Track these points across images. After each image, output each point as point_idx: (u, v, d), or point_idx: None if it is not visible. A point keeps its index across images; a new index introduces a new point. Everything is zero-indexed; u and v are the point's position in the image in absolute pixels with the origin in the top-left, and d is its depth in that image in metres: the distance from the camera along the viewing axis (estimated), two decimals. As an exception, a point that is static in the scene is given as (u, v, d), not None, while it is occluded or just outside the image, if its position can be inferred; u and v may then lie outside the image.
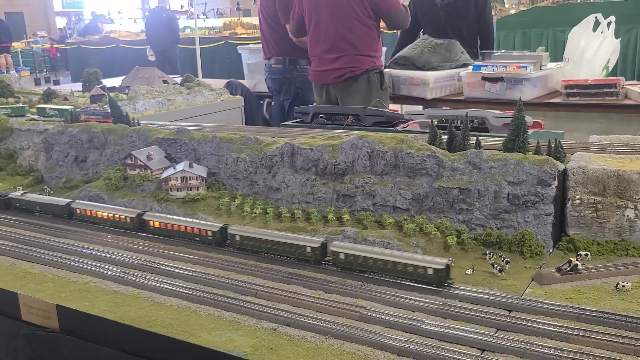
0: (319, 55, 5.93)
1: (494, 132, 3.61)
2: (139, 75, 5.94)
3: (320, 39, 5.85)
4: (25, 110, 4.77)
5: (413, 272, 2.35)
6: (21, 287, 2.57)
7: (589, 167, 2.59)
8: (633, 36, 10.40)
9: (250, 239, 2.75)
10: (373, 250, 2.48)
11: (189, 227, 2.92)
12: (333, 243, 2.57)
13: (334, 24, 5.73)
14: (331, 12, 5.71)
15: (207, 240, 2.88)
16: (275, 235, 2.71)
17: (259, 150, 3.30)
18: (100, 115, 4.16)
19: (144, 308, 2.31)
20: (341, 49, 5.75)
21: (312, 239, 2.64)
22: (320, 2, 5.76)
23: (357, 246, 2.55)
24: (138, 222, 3.10)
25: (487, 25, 7.47)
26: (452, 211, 2.77)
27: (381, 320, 2.09)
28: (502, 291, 2.29)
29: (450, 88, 6.48)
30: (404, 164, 2.89)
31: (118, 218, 3.16)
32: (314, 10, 5.82)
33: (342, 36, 5.72)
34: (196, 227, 2.91)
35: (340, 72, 5.80)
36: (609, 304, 2.13)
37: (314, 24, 5.86)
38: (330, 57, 5.81)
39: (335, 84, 5.89)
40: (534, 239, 2.58)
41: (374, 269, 2.43)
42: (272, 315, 2.16)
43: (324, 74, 5.95)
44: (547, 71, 6.07)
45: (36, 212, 3.47)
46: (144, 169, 3.48)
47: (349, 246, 2.54)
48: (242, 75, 8.46)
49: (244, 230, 2.80)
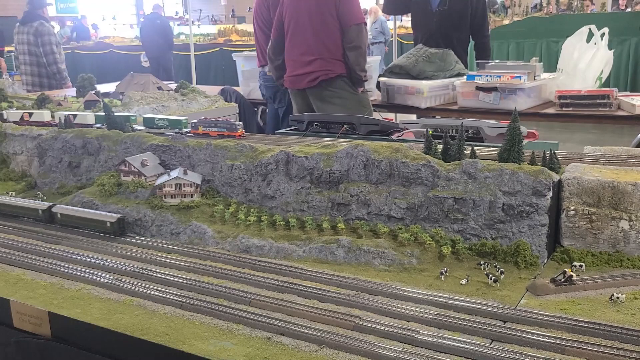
0: (294, 58, 5.97)
1: (489, 142, 3.62)
2: (134, 82, 5.93)
3: (297, 43, 5.90)
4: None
5: (99, 225, 3.15)
6: (13, 293, 2.55)
7: (584, 178, 2.60)
8: (626, 48, 10.50)
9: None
10: (79, 211, 3.30)
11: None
12: (55, 206, 3.36)
13: (311, 27, 5.79)
14: (309, 16, 5.78)
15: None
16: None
17: (253, 157, 3.29)
18: (224, 128, 3.71)
19: (137, 316, 2.30)
20: (316, 52, 5.80)
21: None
22: (299, 7, 5.83)
23: (71, 208, 3.35)
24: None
25: (484, 38, 7.50)
26: (447, 221, 2.77)
27: (376, 330, 2.09)
28: (497, 302, 2.29)
29: (444, 97, 6.50)
30: (399, 173, 2.89)
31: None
32: (293, 16, 5.89)
33: (318, 39, 5.78)
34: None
35: (314, 75, 5.83)
36: (604, 316, 2.13)
37: (292, 28, 5.91)
38: (305, 60, 5.85)
39: (309, 88, 5.93)
40: (528, 249, 2.59)
41: (82, 225, 3.23)
42: (266, 324, 2.15)
43: (298, 78, 5.98)
44: (541, 81, 6.10)
45: None
46: (138, 176, 3.46)
47: (65, 208, 3.34)
48: (237, 82, 8.46)
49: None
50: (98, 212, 3.28)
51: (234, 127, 3.71)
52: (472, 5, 7.21)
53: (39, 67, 9.92)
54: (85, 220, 3.26)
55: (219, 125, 3.74)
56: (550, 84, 6.17)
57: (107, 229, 3.16)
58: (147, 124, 4.09)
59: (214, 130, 3.73)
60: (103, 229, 3.18)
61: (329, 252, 2.76)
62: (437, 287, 2.44)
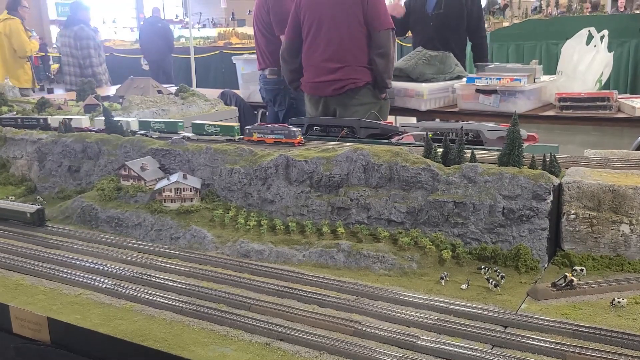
0: (316, 64, 5.71)
1: (489, 145, 3.61)
2: (134, 85, 5.93)
3: (320, 47, 5.64)
4: (179, 126, 3.95)
5: (20, 215, 3.39)
6: (12, 299, 2.54)
7: (584, 182, 2.59)
8: (625, 50, 10.50)
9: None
10: (2, 202, 3.56)
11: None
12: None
13: (336, 33, 5.53)
14: (333, 20, 5.52)
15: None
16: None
17: (253, 162, 3.29)
18: (281, 134, 3.49)
19: (136, 321, 2.29)
20: (343, 59, 5.56)
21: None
22: (322, 9, 5.57)
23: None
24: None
25: (481, 39, 7.52)
26: (447, 225, 2.77)
27: (376, 336, 2.08)
28: (498, 306, 2.28)
29: (444, 100, 6.50)
30: (399, 177, 2.89)
31: None
32: (315, 17, 5.62)
33: (344, 46, 5.54)
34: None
35: (341, 84, 5.60)
36: (605, 321, 2.12)
37: (313, 31, 5.64)
38: (330, 67, 5.61)
39: (333, 96, 5.71)
40: (529, 253, 2.58)
41: (5, 216, 3.45)
42: (265, 329, 2.14)
43: (321, 85, 5.73)
44: (541, 84, 6.10)
45: None
46: (137, 180, 3.46)
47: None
48: (237, 85, 8.46)
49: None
50: (19, 204, 3.58)
51: (293, 134, 3.47)
52: (467, 6, 7.24)
53: (80, 68, 10.81)
54: (8, 211, 3.49)
55: (275, 131, 3.52)
56: (550, 86, 6.17)
57: (28, 219, 3.40)
58: (195, 130, 3.86)
59: (270, 137, 3.50)
60: (24, 219, 3.41)
61: (329, 257, 2.76)
62: (437, 292, 2.43)
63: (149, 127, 4.00)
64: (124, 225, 3.30)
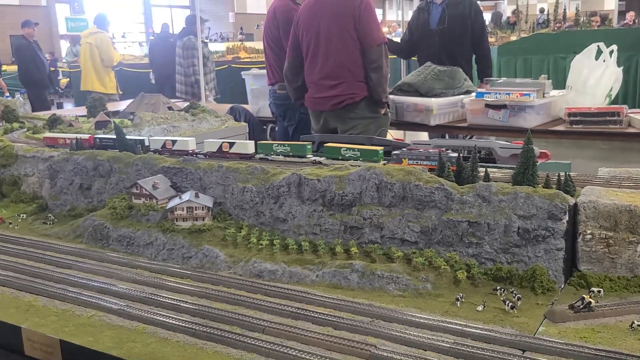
0: (316, 81, 5.88)
1: (502, 163, 3.59)
2: (144, 102, 5.94)
3: (318, 65, 5.80)
4: (307, 149, 3.70)
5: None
6: (24, 320, 2.53)
7: (600, 202, 2.57)
8: (634, 64, 10.46)
9: None
10: None
11: None
12: None
13: (332, 51, 5.69)
14: (328, 37, 5.67)
15: None
16: None
17: (265, 180, 3.28)
18: (436, 161, 3.05)
19: (149, 344, 2.27)
20: (340, 76, 5.69)
21: None
22: (318, 27, 5.72)
23: None
24: None
25: (484, 51, 7.51)
26: (462, 245, 2.74)
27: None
28: (515, 329, 2.25)
29: (453, 115, 6.48)
30: (412, 196, 2.87)
31: None
32: (312, 35, 5.77)
33: (340, 63, 5.67)
34: None
35: (339, 99, 5.74)
36: (625, 344, 2.09)
37: (312, 51, 5.81)
38: (328, 84, 5.76)
39: (333, 111, 5.84)
40: (545, 274, 2.55)
41: None
42: (280, 353, 2.12)
43: (321, 101, 5.89)
44: (550, 99, 6.08)
45: None
46: (149, 199, 3.45)
47: None
48: (246, 99, 8.47)
49: None
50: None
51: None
52: (470, 19, 7.25)
53: (188, 77, 11.39)
54: None
55: (431, 158, 3.22)
56: (560, 101, 6.14)
57: None
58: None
59: (425, 164, 3.21)
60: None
61: (342, 277, 2.74)
62: (453, 314, 2.41)
63: (270, 150, 3.74)
64: (135, 244, 3.29)
